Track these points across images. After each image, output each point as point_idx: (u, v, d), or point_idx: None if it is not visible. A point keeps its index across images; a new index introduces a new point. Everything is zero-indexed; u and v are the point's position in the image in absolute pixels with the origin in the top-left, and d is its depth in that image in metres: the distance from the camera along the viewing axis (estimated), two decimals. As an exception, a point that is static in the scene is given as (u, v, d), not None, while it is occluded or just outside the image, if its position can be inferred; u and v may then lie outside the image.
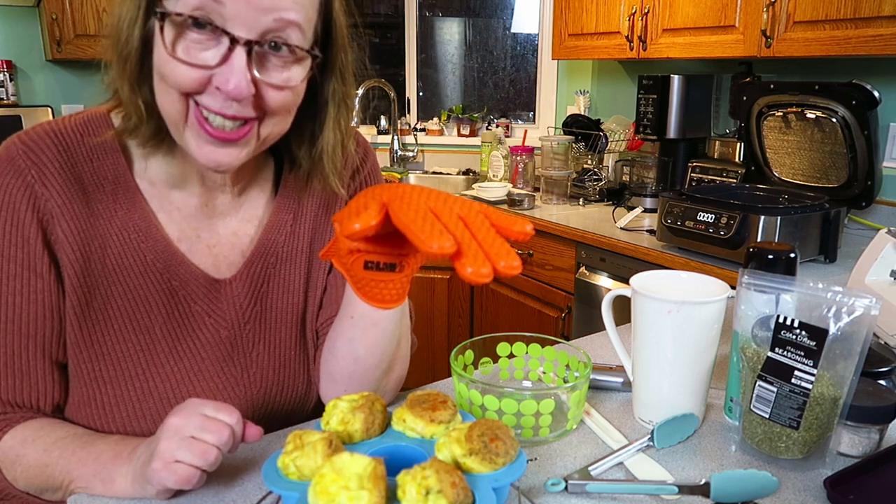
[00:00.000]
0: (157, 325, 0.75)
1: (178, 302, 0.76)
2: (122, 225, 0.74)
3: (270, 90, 0.66)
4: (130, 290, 0.74)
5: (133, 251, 0.74)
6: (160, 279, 0.75)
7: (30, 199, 0.70)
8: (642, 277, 0.82)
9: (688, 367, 0.77)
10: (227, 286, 0.78)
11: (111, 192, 0.74)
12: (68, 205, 0.71)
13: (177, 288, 0.76)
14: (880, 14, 1.60)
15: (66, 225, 0.71)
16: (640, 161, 2.47)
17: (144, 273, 0.74)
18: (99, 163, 0.73)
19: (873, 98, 1.64)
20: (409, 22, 3.31)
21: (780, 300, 0.72)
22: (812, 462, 0.73)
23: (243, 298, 0.79)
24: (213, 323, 0.78)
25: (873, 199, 1.75)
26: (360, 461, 0.54)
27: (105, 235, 0.73)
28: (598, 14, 2.38)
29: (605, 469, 0.71)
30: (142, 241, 0.74)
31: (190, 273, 0.76)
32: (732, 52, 1.95)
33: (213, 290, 0.77)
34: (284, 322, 0.83)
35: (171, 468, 0.61)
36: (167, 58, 0.63)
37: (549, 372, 0.90)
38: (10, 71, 2.78)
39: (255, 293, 0.80)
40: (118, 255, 0.73)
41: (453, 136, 3.28)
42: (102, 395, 0.75)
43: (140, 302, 0.74)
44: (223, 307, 0.78)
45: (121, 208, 0.74)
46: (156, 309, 0.75)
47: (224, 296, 0.78)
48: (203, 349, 0.79)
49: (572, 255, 2.15)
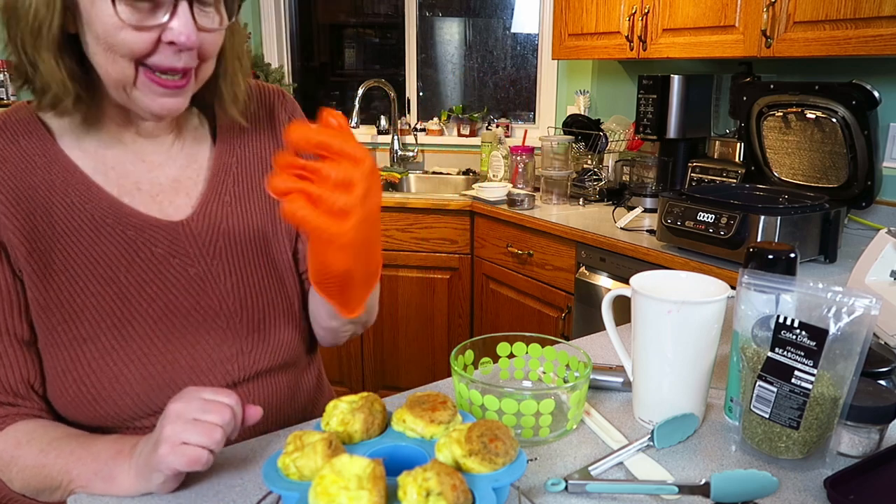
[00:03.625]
0: (121, 275, 0.77)
1: (139, 249, 0.78)
2: (62, 192, 0.76)
3: (206, 35, 0.72)
4: (87, 247, 0.76)
5: (79, 212, 0.76)
6: (114, 232, 0.77)
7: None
8: (642, 277, 0.82)
9: (688, 367, 0.77)
10: (184, 226, 0.81)
11: (43, 166, 0.76)
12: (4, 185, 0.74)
13: (133, 237, 0.78)
14: (880, 14, 1.60)
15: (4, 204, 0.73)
16: (640, 161, 2.47)
17: (97, 229, 0.76)
18: (25, 142, 0.76)
19: (873, 98, 1.64)
20: (409, 22, 3.31)
21: (780, 300, 0.72)
22: (812, 462, 0.73)
23: (205, 235, 0.82)
24: (180, 263, 0.79)
25: (873, 199, 1.75)
26: (359, 462, 0.54)
27: (48, 205, 0.75)
28: (598, 14, 2.38)
29: (605, 469, 0.71)
30: (85, 202, 0.76)
31: (143, 220, 0.78)
32: (732, 52, 1.95)
33: (171, 232, 0.80)
34: (250, 254, 0.86)
35: (179, 451, 0.62)
36: (117, 27, 0.66)
37: (549, 372, 0.90)
38: (10, 71, 2.78)
39: (216, 229, 0.82)
40: (66, 220, 0.75)
41: (453, 136, 3.28)
42: (84, 355, 0.76)
43: (100, 257, 0.76)
44: (185, 246, 0.80)
45: (57, 178, 0.76)
46: (117, 260, 0.77)
47: (184, 235, 0.80)
48: (175, 288, 0.80)
49: (572, 255, 2.15)
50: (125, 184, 0.79)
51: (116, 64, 0.69)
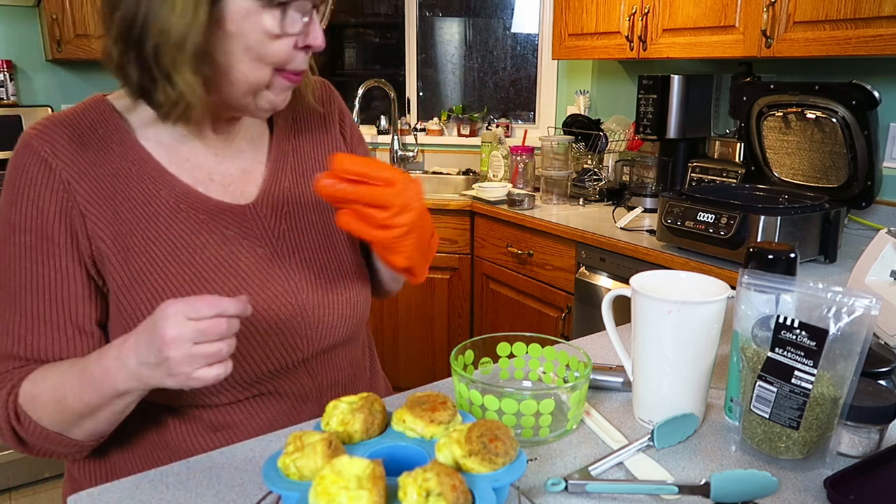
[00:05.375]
0: (196, 256, 0.81)
1: (212, 231, 0.82)
2: (138, 179, 0.80)
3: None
4: (164, 231, 0.80)
5: (155, 199, 0.80)
6: (188, 216, 0.81)
7: (44, 172, 0.76)
8: (642, 277, 0.82)
9: (688, 367, 0.77)
10: (251, 209, 0.85)
11: (120, 154, 0.80)
12: (84, 170, 0.77)
13: (206, 221, 0.82)
14: (880, 14, 1.61)
15: (85, 187, 0.77)
16: (640, 161, 2.47)
17: (172, 214, 0.81)
18: (103, 131, 0.80)
19: (873, 98, 1.64)
20: (409, 22, 3.31)
21: (780, 300, 0.72)
22: (812, 462, 0.73)
23: (269, 217, 0.86)
24: (249, 244, 0.84)
25: (873, 199, 1.75)
26: (359, 463, 0.54)
27: (126, 189, 0.79)
28: (598, 14, 2.38)
29: (605, 469, 0.71)
30: (160, 189, 0.81)
31: (214, 206, 0.83)
32: (732, 52, 1.95)
33: (239, 215, 0.84)
34: (311, 233, 0.90)
35: (192, 382, 0.66)
36: (270, 37, 0.72)
37: (549, 372, 0.90)
38: (10, 71, 2.78)
39: (279, 212, 0.87)
40: (143, 206, 0.80)
41: (453, 136, 3.28)
42: None
43: (176, 240, 0.80)
44: (253, 227, 0.85)
45: (133, 166, 0.80)
46: (192, 243, 0.81)
47: (251, 217, 0.85)
48: (245, 267, 0.83)
49: (572, 255, 2.15)
50: (199, 175, 0.84)
51: (260, 71, 0.74)
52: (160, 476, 0.71)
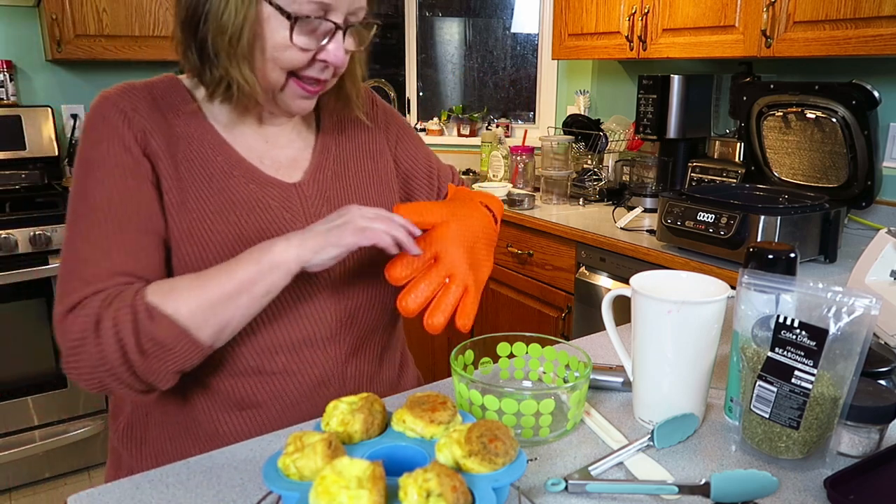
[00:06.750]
0: (243, 220, 0.86)
1: (258, 200, 0.88)
2: (199, 144, 0.87)
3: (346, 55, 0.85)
4: (217, 192, 0.86)
5: (213, 162, 0.87)
6: (240, 183, 0.88)
7: (125, 121, 0.83)
8: (642, 277, 0.82)
9: (688, 367, 0.77)
10: (298, 189, 0.91)
11: (185, 121, 0.87)
12: (157, 126, 0.85)
13: (255, 190, 0.88)
14: (880, 14, 1.61)
15: (157, 140, 0.84)
16: (640, 161, 2.47)
17: (227, 178, 0.87)
18: (173, 97, 0.88)
19: (873, 98, 1.64)
20: (409, 22, 3.31)
21: (780, 300, 0.72)
22: (812, 462, 0.73)
23: (314, 199, 0.92)
24: (291, 217, 0.89)
25: (873, 199, 1.75)
26: (359, 464, 0.54)
27: (187, 150, 0.86)
28: (598, 14, 2.38)
29: (605, 469, 0.71)
30: (217, 154, 0.88)
31: (263, 178, 0.89)
32: (732, 52, 1.95)
33: (285, 191, 0.90)
34: None
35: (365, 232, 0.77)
36: (286, 47, 0.79)
37: (549, 372, 0.90)
38: (9, 71, 2.78)
39: (323, 196, 0.93)
40: (202, 165, 0.86)
41: (453, 136, 3.28)
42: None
43: (227, 201, 0.86)
44: (296, 204, 0.90)
45: (196, 132, 0.88)
46: (240, 207, 0.87)
47: (296, 196, 0.91)
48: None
49: (572, 255, 2.15)
50: (250, 154, 0.90)
51: (274, 73, 0.81)
52: (160, 476, 0.71)
